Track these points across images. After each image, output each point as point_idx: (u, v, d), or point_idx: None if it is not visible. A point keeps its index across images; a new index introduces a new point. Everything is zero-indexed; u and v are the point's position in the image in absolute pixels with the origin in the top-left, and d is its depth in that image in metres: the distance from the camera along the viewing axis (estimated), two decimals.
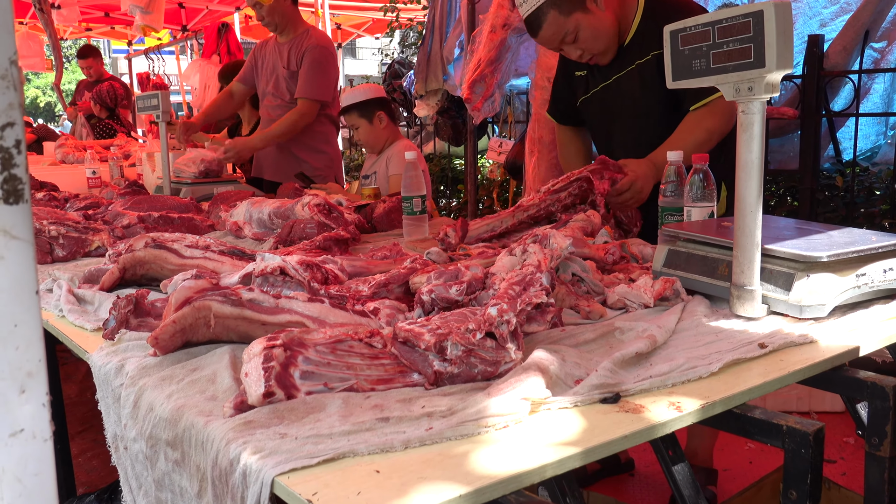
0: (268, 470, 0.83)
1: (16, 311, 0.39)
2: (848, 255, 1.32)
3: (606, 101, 2.31)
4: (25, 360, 0.40)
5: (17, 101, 0.37)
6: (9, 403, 0.40)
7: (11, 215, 0.38)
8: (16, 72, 0.37)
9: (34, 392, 0.41)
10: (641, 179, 2.05)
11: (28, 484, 0.41)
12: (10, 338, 0.39)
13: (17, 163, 0.38)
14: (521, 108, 5.44)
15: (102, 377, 1.23)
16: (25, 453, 0.41)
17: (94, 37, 9.73)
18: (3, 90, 0.37)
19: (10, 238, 0.38)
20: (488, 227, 2.02)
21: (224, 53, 7.53)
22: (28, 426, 0.41)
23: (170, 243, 1.68)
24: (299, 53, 3.61)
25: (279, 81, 3.70)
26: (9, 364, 0.40)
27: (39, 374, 0.41)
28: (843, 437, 2.92)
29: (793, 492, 1.01)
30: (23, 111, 0.39)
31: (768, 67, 1.24)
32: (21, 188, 0.38)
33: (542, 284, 1.24)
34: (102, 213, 2.51)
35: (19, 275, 0.39)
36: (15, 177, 0.38)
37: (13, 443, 0.41)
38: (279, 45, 3.71)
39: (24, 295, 0.39)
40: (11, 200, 0.38)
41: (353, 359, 1.07)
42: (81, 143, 5.59)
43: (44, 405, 0.41)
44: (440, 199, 6.71)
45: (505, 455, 0.86)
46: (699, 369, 1.08)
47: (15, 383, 0.40)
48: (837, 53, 3.55)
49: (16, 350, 0.39)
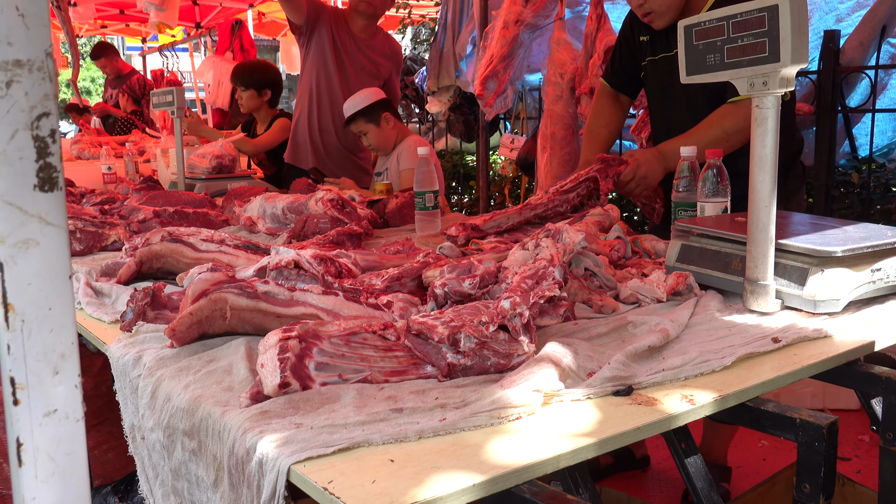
0: (284, 459, 0.84)
1: (50, 295, 0.41)
2: (863, 249, 1.31)
3: (666, 73, 2.28)
4: (59, 342, 0.41)
5: (52, 91, 0.39)
6: (43, 384, 0.42)
7: (47, 202, 0.39)
8: (51, 63, 0.39)
9: (67, 374, 0.42)
10: (644, 166, 2.05)
11: (61, 463, 0.43)
12: (44, 321, 0.41)
13: (52, 152, 0.40)
14: (534, 105, 5.43)
15: (120, 368, 1.25)
16: (59, 433, 0.42)
17: (109, 34, 9.79)
18: (39, 81, 0.38)
19: (45, 224, 0.39)
20: (495, 223, 2.03)
21: (237, 50, 7.56)
22: (61, 406, 0.42)
23: (186, 237, 1.70)
24: (388, 57, 3.74)
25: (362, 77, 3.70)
26: (43, 346, 0.41)
27: (72, 356, 0.42)
28: (857, 435, 2.90)
29: (806, 485, 1.01)
30: (57, 102, 0.40)
31: (783, 62, 1.24)
32: (56, 176, 0.40)
33: (555, 278, 1.25)
34: (118, 208, 2.54)
35: (53, 260, 0.40)
36: (50, 165, 0.39)
37: (47, 422, 0.42)
38: (356, 38, 3.68)
39: (57, 280, 0.41)
40: (46, 188, 0.39)
41: (367, 351, 1.08)
42: (97, 140, 5.65)
43: (76, 386, 0.43)
44: (452, 195, 6.71)
45: (519, 445, 0.86)
46: (712, 363, 1.09)
47: (49, 365, 0.41)
48: (854, 49, 3.52)
49: (50, 333, 0.41)
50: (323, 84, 3.65)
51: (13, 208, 0.40)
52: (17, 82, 0.40)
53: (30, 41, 0.39)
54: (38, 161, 0.39)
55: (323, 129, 3.70)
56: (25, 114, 0.40)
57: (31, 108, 0.40)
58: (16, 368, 0.42)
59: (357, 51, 3.67)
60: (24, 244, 0.40)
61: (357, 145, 3.78)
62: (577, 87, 3.87)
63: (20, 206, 0.40)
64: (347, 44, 3.64)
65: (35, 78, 0.40)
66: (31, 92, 0.40)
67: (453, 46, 5.19)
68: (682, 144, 2.03)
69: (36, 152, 0.39)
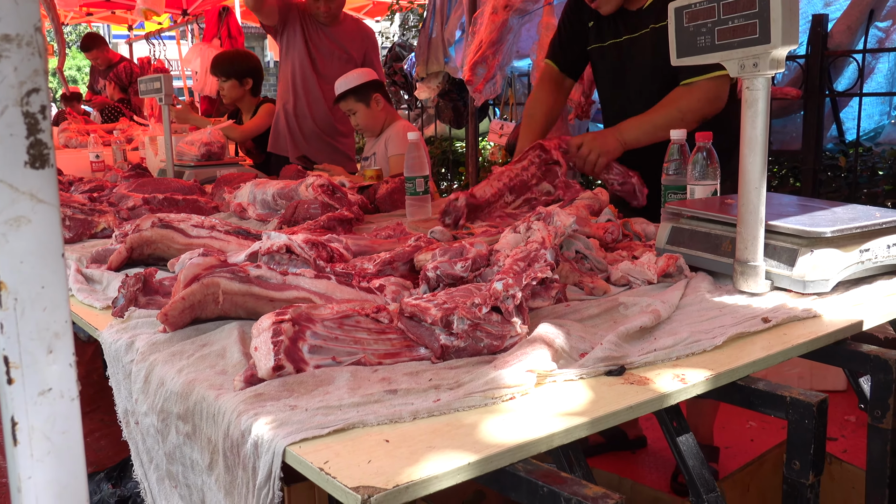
0: (279, 440, 0.85)
1: (43, 273, 0.40)
2: (852, 230, 1.32)
3: (616, 60, 2.30)
4: (53, 321, 0.41)
5: (41, 67, 0.38)
6: (37, 363, 0.41)
7: (38, 179, 0.39)
8: (40, 39, 0.38)
9: (61, 352, 0.42)
10: (596, 137, 2.10)
11: (56, 441, 0.42)
12: (37, 299, 0.40)
13: (43, 128, 0.39)
14: (523, 90, 5.42)
15: (113, 354, 1.25)
16: (54, 412, 0.42)
17: (95, 21, 9.68)
18: (29, 56, 0.38)
19: (37, 202, 0.39)
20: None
21: (225, 37, 7.48)
22: (56, 385, 0.42)
23: (176, 223, 1.69)
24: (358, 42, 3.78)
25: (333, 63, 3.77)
26: (36, 325, 0.41)
27: (66, 334, 0.42)
28: (844, 416, 2.94)
29: (796, 462, 1.03)
30: (47, 78, 0.40)
31: (773, 43, 1.24)
32: (46, 153, 0.39)
33: (547, 260, 1.25)
34: (107, 195, 2.52)
35: (46, 238, 0.40)
36: (41, 142, 0.39)
37: (42, 401, 0.42)
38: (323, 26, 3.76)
39: (50, 257, 0.40)
40: (38, 165, 0.39)
41: (360, 333, 1.08)
42: (84, 128, 5.59)
43: (70, 365, 0.42)
44: (441, 181, 6.70)
45: (512, 425, 0.87)
46: (703, 343, 1.09)
47: (43, 344, 0.41)
48: (841, 33, 3.54)
49: (43, 311, 0.41)
50: (298, 73, 3.77)
51: (4, 186, 0.39)
52: (6, 57, 0.39)
53: (18, 16, 0.39)
54: (28, 138, 0.39)
55: (299, 114, 3.82)
56: (15, 90, 0.40)
57: (20, 84, 0.39)
58: (9, 347, 0.42)
59: (325, 38, 3.77)
60: (16, 222, 0.40)
61: (335, 129, 3.88)
62: None
63: (11, 184, 0.40)
64: (314, 34, 3.76)
65: (24, 53, 0.39)
66: (20, 67, 0.40)
67: (442, 32, 5.16)
68: (638, 123, 2.09)
69: (26, 129, 0.39)
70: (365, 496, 0.73)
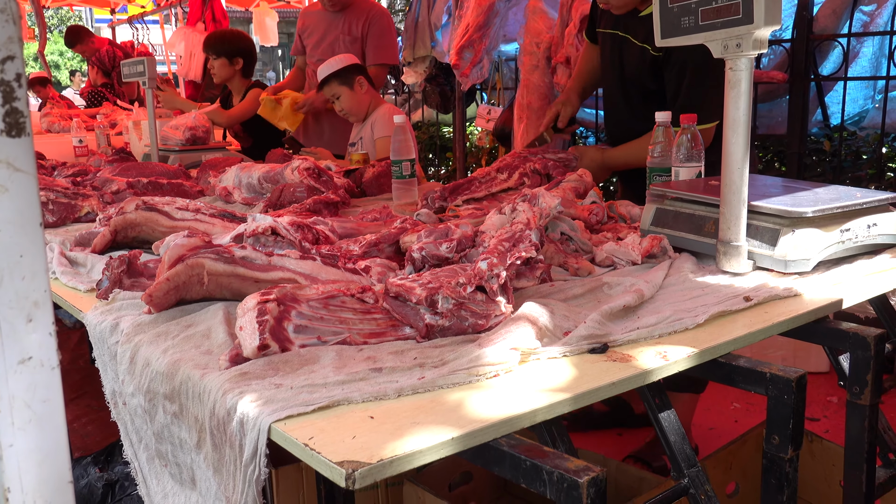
0: (265, 417, 0.85)
1: (21, 241, 0.40)
2: (833, 210, 1.34)
3: (607, 50, 2.36)
4: (32, 289, 0.41)
5: (16, 34, 0.38)
6: (16, 332, 0.41)
7: (14, 147, 0.39)
8: (14, 6, 0.38)
9: (41, 321, 0.42)
10: (587, 150, 2.32)
11: (37, 410, 0.43)
12: (16, 268, 0.40)
13: (18, 96, 0.39)
14: (510, 75, 5.40)
15: (98, 335, 1.24)
16: (34, 380, 0.42)
17: (77, 4, 9.54)
18: (3, 23, 0.37)
19: (14, 170, 0.39)
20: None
21: (209, 21, 7.40)
22: (36, 354, 0.42)
23: (161, 206, 1.68)
24: (363, 20, 3.67)
25: (337, 47, 3.67)
26: (15, 294, 0.41)
27: (45, 303, 0.42)
28: (826, 396, 2.98)
29: (776, 437, 1.04)
30: (22, 46, 0.40)
31: (756, 23, 1.25)
32: (23, 121, 0.39)
33: (532, 241, 1.26)
34: (91, 179, 2.50)
35: (23, 207, 0.40)
36: (16, 110, 0.39)
37: (22, 370, 0.42)
38: (333, 13, 3.70)
39: (28, 226, 0.40)
40: (14, 133, 0.39)
41: (345, 313, 1.08)
42: (67, 112, 5.53)
43: (50, 334, 0.43)
44: (428, 167, 6.69)
45: (496, 401, 0.88)
46: (685, 321, 1.11)
47: (22, 312, 0.41)
48: (827, 17, 3.55)
49: (22, 280, 0.41)
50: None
51: None
52: None
53: None
54: (4, 106, 0.39)
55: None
56: None
57: None
58: None
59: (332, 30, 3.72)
60: None
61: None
62: (552, 57, 3.86)
63: None
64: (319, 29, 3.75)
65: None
66: None
67: (428, 16, 5.13)
68: (625, 152, 2.27)
69: (2, 97, 0.39)
70: (349, 470, 0.73)
